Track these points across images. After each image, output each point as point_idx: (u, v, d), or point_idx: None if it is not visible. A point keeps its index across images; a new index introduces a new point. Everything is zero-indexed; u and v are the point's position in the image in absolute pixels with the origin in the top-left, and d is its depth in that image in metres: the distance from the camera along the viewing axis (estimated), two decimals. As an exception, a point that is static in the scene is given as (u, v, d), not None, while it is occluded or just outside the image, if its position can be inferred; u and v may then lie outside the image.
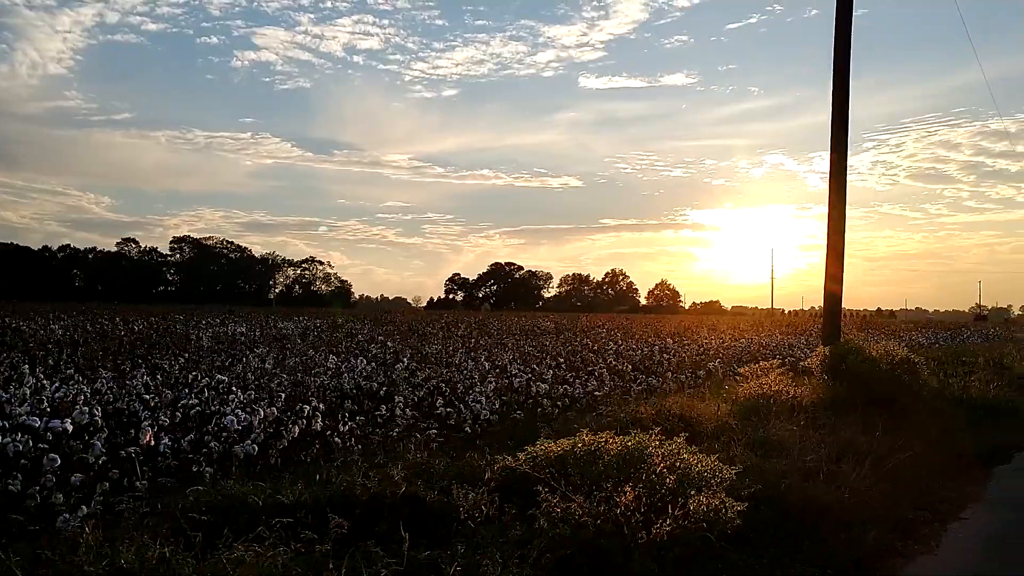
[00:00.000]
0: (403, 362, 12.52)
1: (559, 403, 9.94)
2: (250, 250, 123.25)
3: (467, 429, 8.74)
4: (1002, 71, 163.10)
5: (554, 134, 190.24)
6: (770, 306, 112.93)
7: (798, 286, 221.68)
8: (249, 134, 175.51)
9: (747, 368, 12.89)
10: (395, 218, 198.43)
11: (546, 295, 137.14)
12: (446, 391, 10.00)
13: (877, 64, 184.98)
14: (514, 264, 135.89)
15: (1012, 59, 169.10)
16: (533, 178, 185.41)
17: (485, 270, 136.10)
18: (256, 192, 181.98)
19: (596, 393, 10.75)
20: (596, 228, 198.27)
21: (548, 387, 10.38)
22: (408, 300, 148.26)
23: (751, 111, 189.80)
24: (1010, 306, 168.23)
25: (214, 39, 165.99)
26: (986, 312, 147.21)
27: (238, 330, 22.86)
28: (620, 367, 13.55)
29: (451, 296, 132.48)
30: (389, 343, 18.19)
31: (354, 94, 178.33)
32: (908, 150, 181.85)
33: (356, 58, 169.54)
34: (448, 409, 8.95)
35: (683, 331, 28.37)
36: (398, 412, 8.51)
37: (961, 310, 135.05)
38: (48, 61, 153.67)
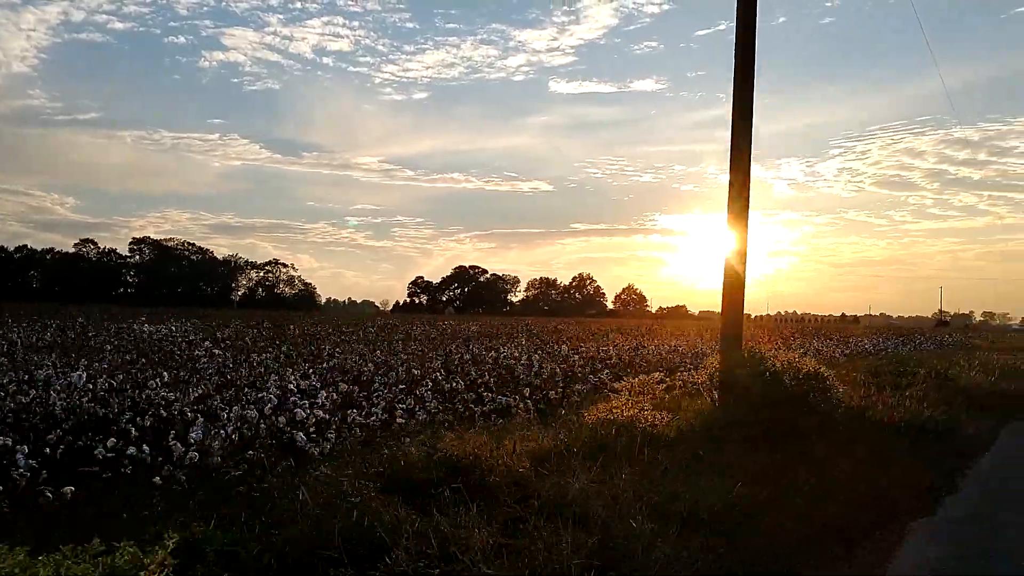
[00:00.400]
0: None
1: (329, 435, 7.36)
2: (212, 252, 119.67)
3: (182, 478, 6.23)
4: (967, 79, 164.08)
5: (525, 138, 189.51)
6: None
7: (766, 291, 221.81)
8: (217, 135, 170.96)
9: (627, 382, 10.41)
10: (365, 221, 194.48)
11: (514, 299, 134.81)
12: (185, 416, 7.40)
13: (844, 72, 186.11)
14: (479, 267, 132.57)
15: (976, 67, 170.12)
16: (504, 182, 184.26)
17: (449, 273, 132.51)
18: (224, 194, 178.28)
19: (400, 421, 8.19)
20: (567, 232, 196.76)
21: (326, 414, 7.77)
22: (376, 303, 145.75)
23: (719, 117, 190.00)
24: (972, 312, 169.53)
25: (182, 39, 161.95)
26: (948, 318, 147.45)
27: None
28: (451, 385, 10.95)
29: (415, 300, 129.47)
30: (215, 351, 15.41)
31: (324, 96, 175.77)
32: (874, 157, 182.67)
33: (326, 60, 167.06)
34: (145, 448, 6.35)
35: (605, 335, 25.97)
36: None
37: (925, 316, 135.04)
38: (12, 59, 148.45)
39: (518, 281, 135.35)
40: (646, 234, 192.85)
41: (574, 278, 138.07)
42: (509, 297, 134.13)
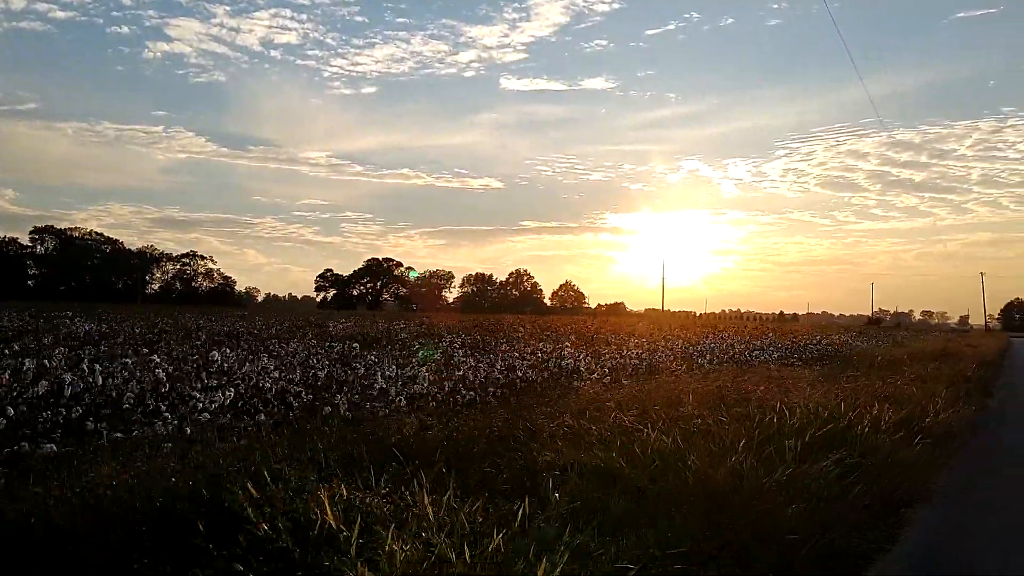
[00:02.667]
0: None
1: None
2: (122, 243, 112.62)
3: None
4: (909, 83, 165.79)
5: (475, 135, 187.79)
6: (661, 307, 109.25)
7: (710, 290, 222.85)
8: (161, 128, 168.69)
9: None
10: (313, 216, 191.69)
11: (450, 296, 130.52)
12: None
13: (790, 74, 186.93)
14: (393, 260, 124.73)
15: (916, 72, 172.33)
16: (454, 178, 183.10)
17: (360, 266, 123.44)
18: (168, 188, 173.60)
19: None
20: (517, 230, 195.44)
21: None
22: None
23: (668, 117, 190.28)
24: (911, 311, 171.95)
25: (125, 29, 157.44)
26: (888, 316, 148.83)
27: None
28: None
29: (322, 295, 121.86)
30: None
31: (271, 89, 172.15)
32: (819, 158, 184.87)
33: (273, 52, 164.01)
34: None
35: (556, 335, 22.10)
36: None
37: (865, 314, 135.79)
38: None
39: (452, 276, 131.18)
40: (596, 232, 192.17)
41: (511, 274, 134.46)
42: (444, 293, 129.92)
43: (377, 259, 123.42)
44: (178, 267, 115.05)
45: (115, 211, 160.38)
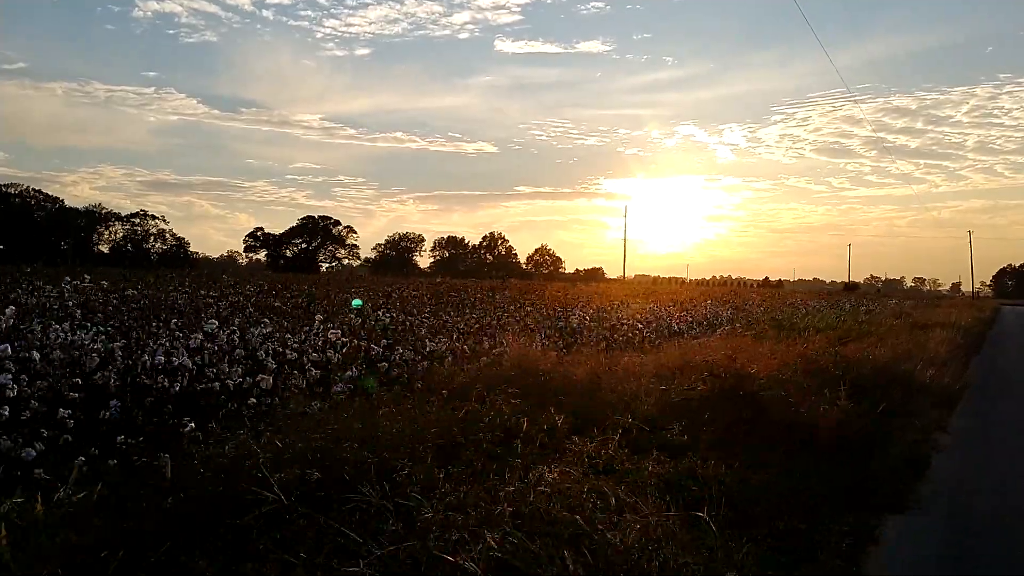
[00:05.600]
0: None
1: None
2: (63, 201, 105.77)
3: None
4: (905, 47, 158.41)
5: (469, 98, 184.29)
6: (622, 273, 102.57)
7: (704, 257, 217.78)
8: (152, 89, 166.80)
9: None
10: (306, 180, 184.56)
11: (421, 260, 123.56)
12: None
13: (785, 38, 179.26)
14: (330, 218, 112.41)
15: (913, 37, 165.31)
16: (448, 143, 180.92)
17: (294, 224, 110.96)
18: (160, 150, 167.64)
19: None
20: (511, 195, 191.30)
21: None
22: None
23: (664, 81, 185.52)
24: (902, 277, 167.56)
25: None
26: (880, 281, 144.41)
27: None
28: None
29: (250, 256, 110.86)
30: None
31: (263, 50, 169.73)
32: (814, 124, 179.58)
33: (265, 12, 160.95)
34: None
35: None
36: None
37: (857, 280, 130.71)
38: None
39: (422, 240, 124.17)
40: (590, 198, 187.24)
41: (484, 237, 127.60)
42: (413, 258, 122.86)
43: (312, 216, 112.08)
44: (128, 227, 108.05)
45: (107, 173, 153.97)
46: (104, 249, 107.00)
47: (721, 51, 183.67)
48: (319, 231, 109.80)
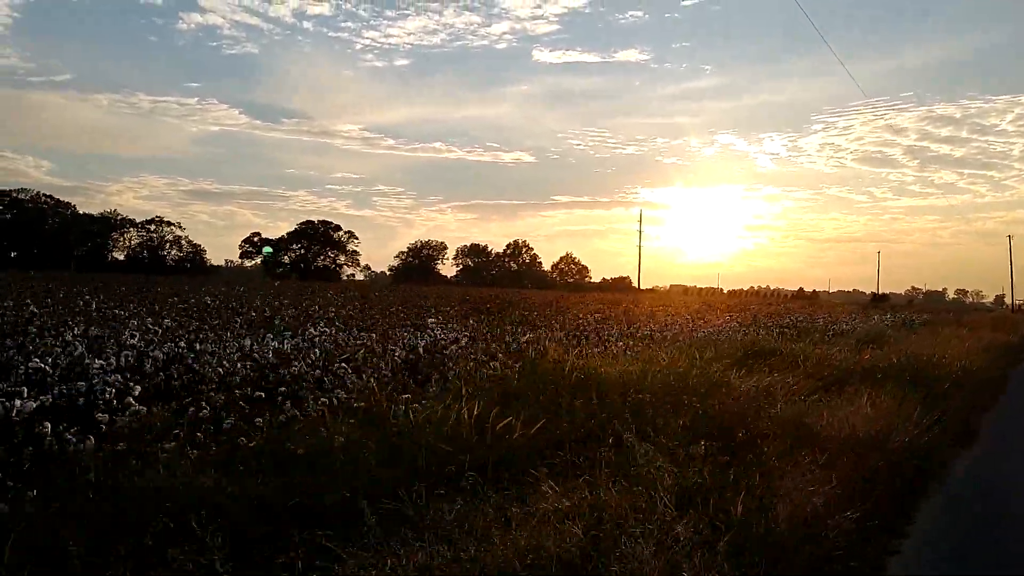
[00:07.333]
0: None
1: None
2: (75, 207, 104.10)
3: None
4: (949, 55, 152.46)
5: (507, 107, 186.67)
6: (637, 284, 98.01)
7: (743, 266, 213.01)
8: (195, 99, 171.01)
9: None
10: (345, 190, 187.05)
11: (443, 268, 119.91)
12: None
13: (823, 45, 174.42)
14: (330, 223, 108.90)
15: (957, 44, 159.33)
16: (485, 152, 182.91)
17: (293, 229, 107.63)
18: (201, 159, 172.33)
19: None
20: (548, 204, 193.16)
21: None
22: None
23: (703, 89, 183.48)
24: (944, 289, 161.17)
25: (158, 0, 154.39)
26: (920, 293, 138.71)
27: None
28: None
29: (245, 262, 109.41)
30: None
31: (303, 61, 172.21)
32: (856, 133, 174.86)
33: (306, 24, 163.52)
34: None
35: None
36: None
37: (899, 292, 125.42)
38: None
39: (445, 247, 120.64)
40: (627, 207, 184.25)
41: (508, 245, 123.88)
42: (435, 266, 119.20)
43: (312, 221, 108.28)
44: (143, 235, 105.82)
45: (150, 183, 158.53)
46: (119, 256, 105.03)
47: (760, 59, 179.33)
48: (319, 236, 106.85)
